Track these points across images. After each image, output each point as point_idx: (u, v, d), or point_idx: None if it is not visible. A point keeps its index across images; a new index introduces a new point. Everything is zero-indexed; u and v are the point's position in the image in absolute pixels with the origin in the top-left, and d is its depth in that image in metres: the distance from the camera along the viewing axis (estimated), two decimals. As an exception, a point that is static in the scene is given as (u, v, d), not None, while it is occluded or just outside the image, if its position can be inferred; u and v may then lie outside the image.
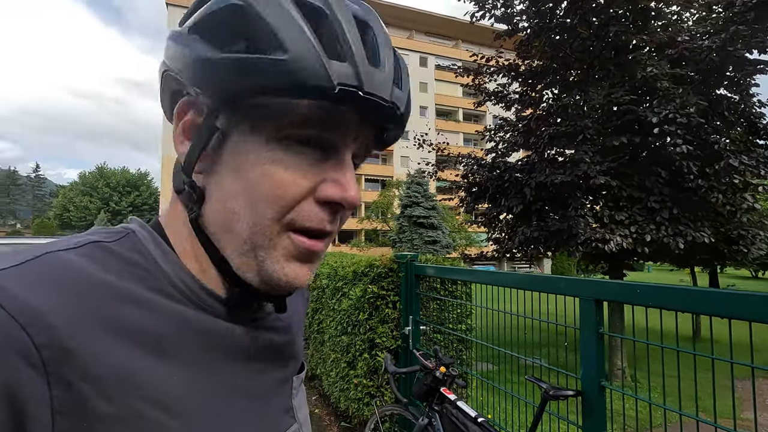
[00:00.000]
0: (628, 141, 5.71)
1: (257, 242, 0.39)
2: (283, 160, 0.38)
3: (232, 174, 0.39)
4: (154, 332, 0.37)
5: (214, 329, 0.41)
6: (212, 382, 0.40)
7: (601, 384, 1.60)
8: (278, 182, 0.38)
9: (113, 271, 0.37)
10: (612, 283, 1.58)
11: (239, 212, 0.39)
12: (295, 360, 0.53)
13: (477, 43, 11.32)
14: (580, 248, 5.89)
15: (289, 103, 0.36)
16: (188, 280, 0.41)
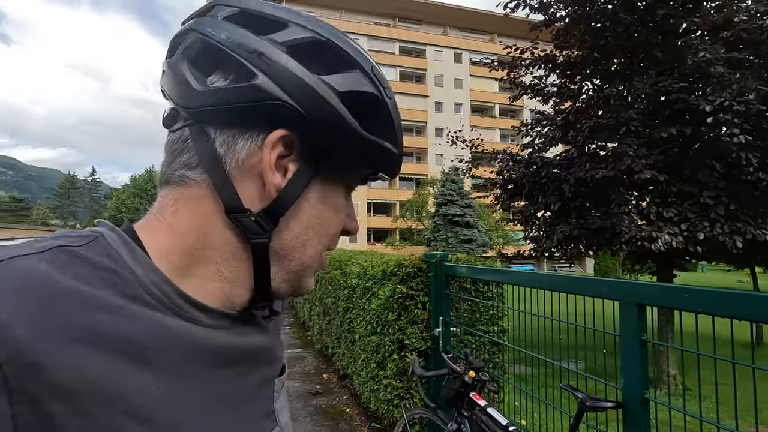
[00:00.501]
0: (678, 132, 5.31)
1: (311, 265, 0.47)
2: (343, 204, 0.48)
3: (313, 212, 0.45)
4: (130, 340, 0.35)
5: (193, 336, 0.40)
6: (193, 390, 0.39)
7: (644, 396, 1.47)
8: (342, 223, 0.48)
9: (82, 277, 0.35)
10: (656, 286, 1.44)
11: (307, 243, 0.45)
12: (276, 362, 0.52)
13: (513, 36, 10.96)
14: (624, 247, 5.56)
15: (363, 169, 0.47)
16: (165, 286, 0.39)
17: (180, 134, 0.43)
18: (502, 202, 7.66)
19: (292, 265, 0.45)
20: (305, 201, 0.44)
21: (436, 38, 44.07)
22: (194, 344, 0.40)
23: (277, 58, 0.40)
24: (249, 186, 0.42)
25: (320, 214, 0.45)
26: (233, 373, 0.44)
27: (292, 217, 0.43)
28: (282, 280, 0.45)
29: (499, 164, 7.32)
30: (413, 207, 33.24)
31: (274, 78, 0.39)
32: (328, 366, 5.47)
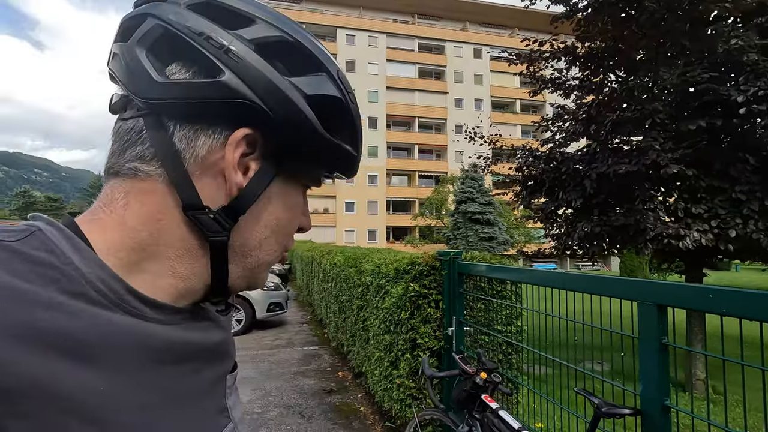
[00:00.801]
0: (707, 124, 5.05)
1: (267, 262, 0.48)
2: (301, 202, 0.50)
3: (272, 211, 0.46)
4: (72, 338, 0.33)
5: (142, 333, 0.39)
6: (142, 387, 0.38)
7: (665, 403, 1.38)
8: (299, 221, 0.50)
9: (18, 273, 0.33)
10: (677, 286, 1.35)
11: (265, 242, 0.46)
12: (229, 358, 0.52)
13: (534, 30, 10.72)
14: (649, 245, 5.33)
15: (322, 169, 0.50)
16: (111, 282, 0.38)
17: (133, 124, 0.41)
18: (521, 199, 7.49)
19: (249, 262, 0.45)
20: (266, 200, 0.44)
21: (456, 34, 43.59)
22: (143, 341, 0.39)
23: (245, 55, 0.39)
24: (209, 183, 0.41)
25: (280, 213, 0.46)
26: (185, 369, 0.43)
27: (252, 215, 0.44)
28: (238, 276, 0.45)
29: (518, 160, 7.16)
30: (432, 205, 33.04)
31: (242, 76, 0.39)
32: (343, 364, 5.47)
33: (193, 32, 0.39)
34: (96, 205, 0.42)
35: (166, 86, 0.39)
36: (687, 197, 5.39)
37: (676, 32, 5.55)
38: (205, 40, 0.39)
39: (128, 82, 0.40)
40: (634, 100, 5.64)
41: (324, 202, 38.95)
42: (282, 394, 4.42)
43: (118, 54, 0.41)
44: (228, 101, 0.39)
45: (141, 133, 0.40)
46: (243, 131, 0.40)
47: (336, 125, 0.44)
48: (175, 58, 0.40)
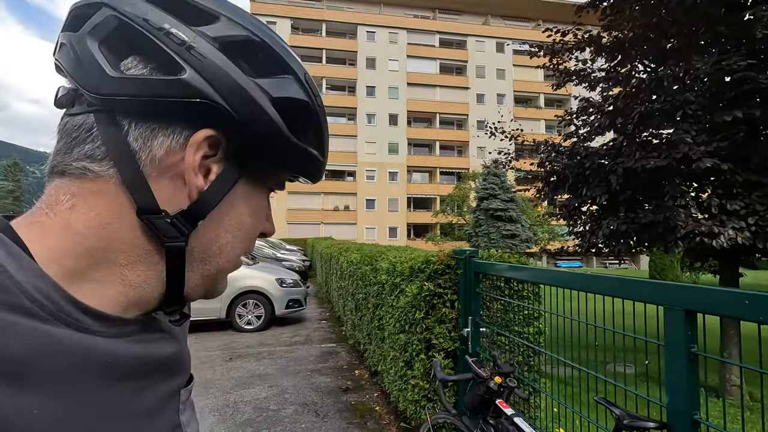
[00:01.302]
0: (745, 115, 4.74)
1: (226, 269, 0.45)
2: (264, 206, 0.47)
3: (234, 215, 0.43)
4: (8, 358, 0.31)
5: (84, 347, 0.35)
6: (86, 407, 0.35)
7: (693, 417, 1.26)
8: (262, 226, 0.48)
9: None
10: (708, 291, 1.23)
11: (225, 247, 0.44)
12: (183, 372, 0.49)
13: (559, 22, 10.39)
14: (680, 243, 5.07)
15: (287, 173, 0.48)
16: (51, 292, 0.35)
17: (83, 120, 0.38)
18: (544, 196, 7.28)
19: (208, 269, 0.43)
20: (228, 204, 0.42)
21: (478, 28, 42.90)
22: (86, 356, 0.35)
23: (208, 54, 0.38)
24: (166, 186, 0.39)
25: (243, 218, 0.44)
26: (134, 386, 0.40)
27: (212, 220, 0.42)
28: (195, 284, 0.43)
29: (540, 156, 6.95)
30: (454, 201, 32.71)
31: (205, 75, 0.37)
32: (360, 362, 5.44)
33: (152, 26, 0.37)
34: (37, 206, 0.39)
35: (120, 81, 0.36)
36: (722, 193, 5.09)
37: (709, 18, 5.25)
38: (165, 36, 0.37)
39: (77, 75, 0.38)
40: (664, 91, 5.36)
41: (344, 199, 39.12)
42: (298, 392, 4.42)
43: (66, 44, 0.39)
44: (189, 101, 0.37)
45: (91, 130, 0.38)
46: (205, 132, 0.39)
47: (301, 129, 0.43)
48: (131, 52, 0.38)
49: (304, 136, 0.44)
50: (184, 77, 0.37)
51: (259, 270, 7.91)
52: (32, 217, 0.38)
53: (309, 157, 0.45)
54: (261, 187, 0.46)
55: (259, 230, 0.47)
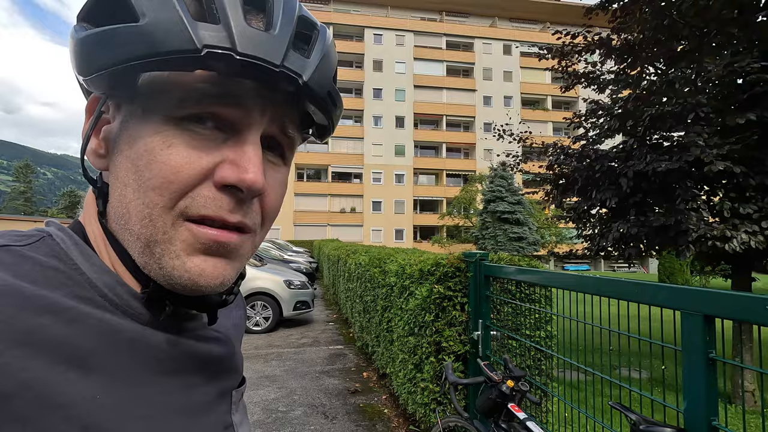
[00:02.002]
0: (758, 118, 4.69)
1: (150, 236, 0.36)
2: (174, 142, 0.35)
3: (125, 163, 0.36)
4: (76, 344, 0.33)
5: (145, 340, 0.37)
6: (143, 398, 0.36)
7: (711, 424, 1.25)
8: (168, 165, 0.35)
9: (27, 277, 0.33)
10: (727, 296, 1.22)
11: (130, 205, 0.36)
12: (235, 373, 0.49)
13: (566, 24, 10.36)
14: (691, 247, 5.01)
15: (175, 78, 0.34)
16: (115, 286, 0.37)
17: None
18: (552, 198, 7.23)
19: (132, 239, 0.37)
20: (118, 153, 0.37)
21: (485, 30, 42.84)
22: (147, 349, 0.37)
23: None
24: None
25: (132, 162, 0.36)
26: (189, 382, 0.41)
27: (113, 178, 0.38)
28: (141, 264, 0.37)
29: (549, 158, 6.91)
30: (460, 204, 32.62)
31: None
32: (368, 364, 5.44)
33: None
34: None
35: None
36: (734, 196, 5.03)
37: (722, 20, 5.19)
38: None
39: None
40: (676, 94, 5.31)
41: (351, 201, 39.17)
42: (306, 394, 4.43)
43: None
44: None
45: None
46: (90, 97, 0.41)
47: (110, 16, 0.33)
48: None
49: (107, 22, 0.34)
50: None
51: (266, 271, 7.95)
52: (85, 215, 0.42)
53: (112, 38, 0.33)
54: (156, 118, 0.35)
55: (189, 175, 0.35)
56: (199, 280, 0.36)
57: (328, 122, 0.43)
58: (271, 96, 0.37)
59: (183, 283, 0.36)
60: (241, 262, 0.39)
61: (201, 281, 0.36)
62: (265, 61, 0.34)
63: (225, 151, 0.36)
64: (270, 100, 0.37)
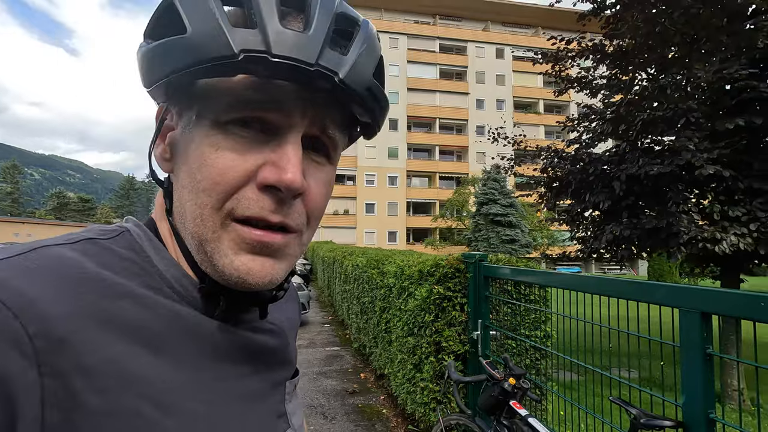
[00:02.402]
0: (746, 123, 4.82)
1: (202, 235, 0.38)
2: (221, 146, 0.37)
3: (183, 166, 0.39)
4: (149, 328, 0.36)
5: (207, 329, 0.40)
6: (205, 382, 0.39)
7: (709, 416, 1.31)
8: (215, 168, 0.37)
9: (108, 266, 0.37)
10: (724, 293, 1.28)
11: (185, 205, 0.39)
12: (289, 365, 0.52)
13: (559, 29, 10.52)
14: (682, 249, 5.13)
15: (222, 85, 0.36)
16: (182, 278, 0.40)
17: None
18: (546, 201, 7.33)
19: (189, 238, 0.40)
20: (179, 158, 0.40)
21: (478, 34, 43.18)
22: (209, 337, 0.40)
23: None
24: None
25: (188, 166, 0.39)
26: (246, 370, 0.43)
27: (175, 173, 0.41)
28: (198, 262, 0.40)
29: (543, 161, 7.01)
30: (453, 206, 32.78)
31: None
32: (365, 365, 5.46)
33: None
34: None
35: None
36: (724, 199, 5.16)
37: (711, 27, 5.34)
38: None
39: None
40: (667, 99, 5.44)
41: (344, 203, 39.15)
42: (305, 394, 4.44)
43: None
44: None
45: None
46: (158, 107, 0.44)
47: (163, 25, 0.37)
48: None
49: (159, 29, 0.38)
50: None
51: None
52: (156, 214, 0.46)
53: (165, 51, 0.36)
54: (207, 123, 0.38)
55: (234, 178, 0.37)
56: (247, 278, 0.38)
57: (371, 119, 0.42)
58: (311, 97, 0.38)
59: (233, 280, 0.38)
60: (289, 261, 0.41)
61: (249, 279, 0.38)
62: (299, 61, 0.34)
63: (267, 153, 0.37)
64: (311, 102, 0.38)
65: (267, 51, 0.34)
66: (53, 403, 0.30)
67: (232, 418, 0.40)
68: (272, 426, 0.46)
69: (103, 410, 0.31)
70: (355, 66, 0.37)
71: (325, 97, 0.38)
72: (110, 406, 0.32)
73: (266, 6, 0.35)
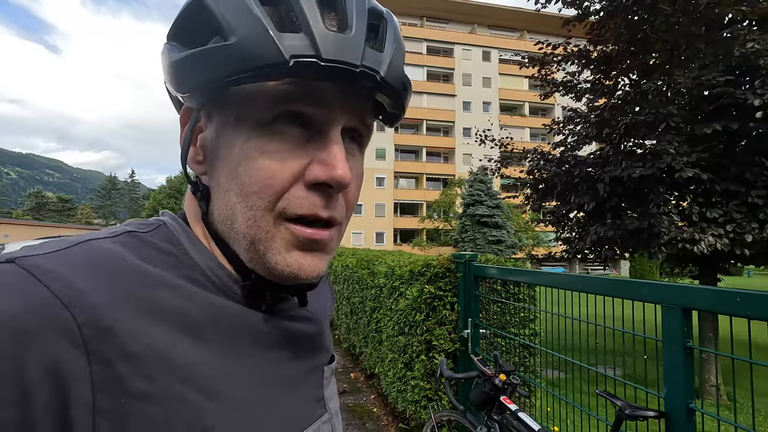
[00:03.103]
0: (723, 128, 5.02)
1: (255, 236, 0.39)
2: (266, 148, 0.38)
3: (225, 169, 0.40)
4: (189, 316, 0.37)
5: (244, 317, 0.42)
6: (245, 368, 0.40)
7: (689, 406, 1.38)
8: (265, 171, 0.38)
9: (148, 258, 0.38)
10: (704, 290, 1.35)
11: (235, 208, 0.40)
12: (326, 351, 0.53)
13: (544, 33, 10.70)
14: (663, 249, 5.30)
15: (261, 86, 0.36)
16: (217, 269, 0.42)
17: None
18: (532, 203, 7.47)
19: (239, 238, 0.40)
20: (217, 159, 0.41)
21: (465, 37, 43.57)
22: (245, 325, 0.41)
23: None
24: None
25: (231, 169, 0.39)
26: (283, 356, 0.45)
27: (214, 182, 0.41)
28: (246, 260, 0.41)
29: (529, 163, 7.15)
30: (440, 207, 32.99)
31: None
32: (355, 365, 5.49)
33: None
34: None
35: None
36: (702, 201, 5.35)
37: (691, 35, 5.53)
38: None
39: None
40: (648, 104, 5.61)
41: (332, 204, 39.01)
42: (295, 395, 4.44)
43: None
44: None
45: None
46: (183, 108, 0.44)
47: (203, 35, 0.36)
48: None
49: (203, 41, 0.37)
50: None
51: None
52: (187, 212, 0.47)
53: (207, 58, 0.36)
54: (247, 126, 0.38)
55: (283, 179, 0.38)
56: (299, 273, 0.40)
57: (400, 110, 0.44)
58: (350, 92, 0.39)
59: (285, 276, 0.40)
60: (331, 254, 0.43)
61: (301, 274, 0.40)
62: (347, 64, 0.35)
63: (311, 150, 0.38)
64: (349, 96, 0.39)
65: (317, 55, 0.34)
66: (102, 389, 0.31)
67: (272, 403, 0.42)
68: (311, 410, 0.47)
69: (149, 395, 0.33)
70: (391, 63, 0.38)
71: (362, 90, 0.39)
72: (155, 391, 0.33)
73: (308, 7, 0.35)
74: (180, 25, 0.39)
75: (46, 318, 0.30)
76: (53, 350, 0.30)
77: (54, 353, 0.30)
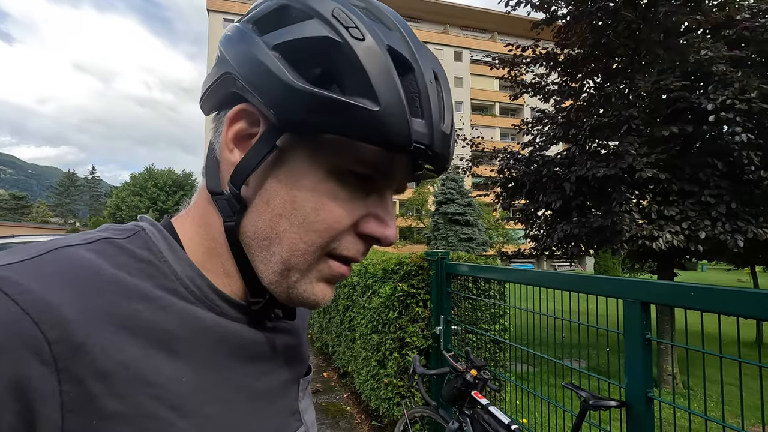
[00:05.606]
0: (680, 131, 5.29)
1: (295, 264, 0.40)
2: (338, 194, 0.39)
3: (282, 194, 0.39)
4: (164, 330, 0.36)
5: (222, 329, 0.41)
6: (220, 381, 0.39)
7: (648, 395, 1.46)
8: (333, 215, 0.39)
9: (124, 267, 0.37)
10: (661, 285, 1.43)
11: (283, 234, 0.39)
12: (302, 362, 0.52)
13: (513, 35, 10.93)
14: (624, 246, 5.54)
15: (358, 146, 0.37)
16: (197, 280, 0.40)
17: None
18: (502, 201, 7.64)
19: (272, 260, 0.40)
20: (274, 181, 0.39)
21: (437, 36, 43.99)
22: (221, 337, 0.40)
23: (233, 33, 0.41)
24: (223, 167, 0.42)
25: (293, 199, 0.39)
26: (260, 369, 0.44)
27: (261, 199, 0.40)
28: (270, 281, 0.41)
29: (499, 163, 7.31)
30: (413, 205, 33.23)
31: (227, 52, 0.40)
32: (328, 364, 5.46)
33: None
34: (187, 203, 0.47)
35: (205, 82, 0.45)
36: (660, 200, 5.62)
37: (650, 41, 5.79)
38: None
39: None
40: (611, 106, 5.85)
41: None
42: (267, 396, 4.38)
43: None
44: (220, 79, 0.41)
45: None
46: (238, 107, 0.40)
47: (328, 73, 0.35)
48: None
49: (330, 81, 0.35)
50: (219, 60, 0.41)
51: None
52: (182, 214, 0.46)
53: (345, 109, 0.34)
54: (319, 163, 0.38)
55: (334, 220, 0.39)
56: (320, 302, 0.42)
57: (436, 175, 0.45)
58: (412, 165, 0.42)
59: (306, 303, 0.42)
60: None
61: (322, 303, 0.42)
62: (445, 157, 0.40)
63: (369, 205, 0.41)
64: (409, 166, 0.42)
65: (430, 146, 0.37)
66: (72, 410, 0.30)
67: (246, 417, 0.41)
68: (286, 423, 0.47)
69: (121, 414, 0.32)
70: (453, 149, 0.42)
71: (420, 167, 0.42)
72: (127, 410, 0.32)
73: (433, 99, 0.38)
74: (297, 46, 0.36)
75: (13, 334, 0.29)
76: (20, 368, 0.28)
77: (21, 371, 0.28)
